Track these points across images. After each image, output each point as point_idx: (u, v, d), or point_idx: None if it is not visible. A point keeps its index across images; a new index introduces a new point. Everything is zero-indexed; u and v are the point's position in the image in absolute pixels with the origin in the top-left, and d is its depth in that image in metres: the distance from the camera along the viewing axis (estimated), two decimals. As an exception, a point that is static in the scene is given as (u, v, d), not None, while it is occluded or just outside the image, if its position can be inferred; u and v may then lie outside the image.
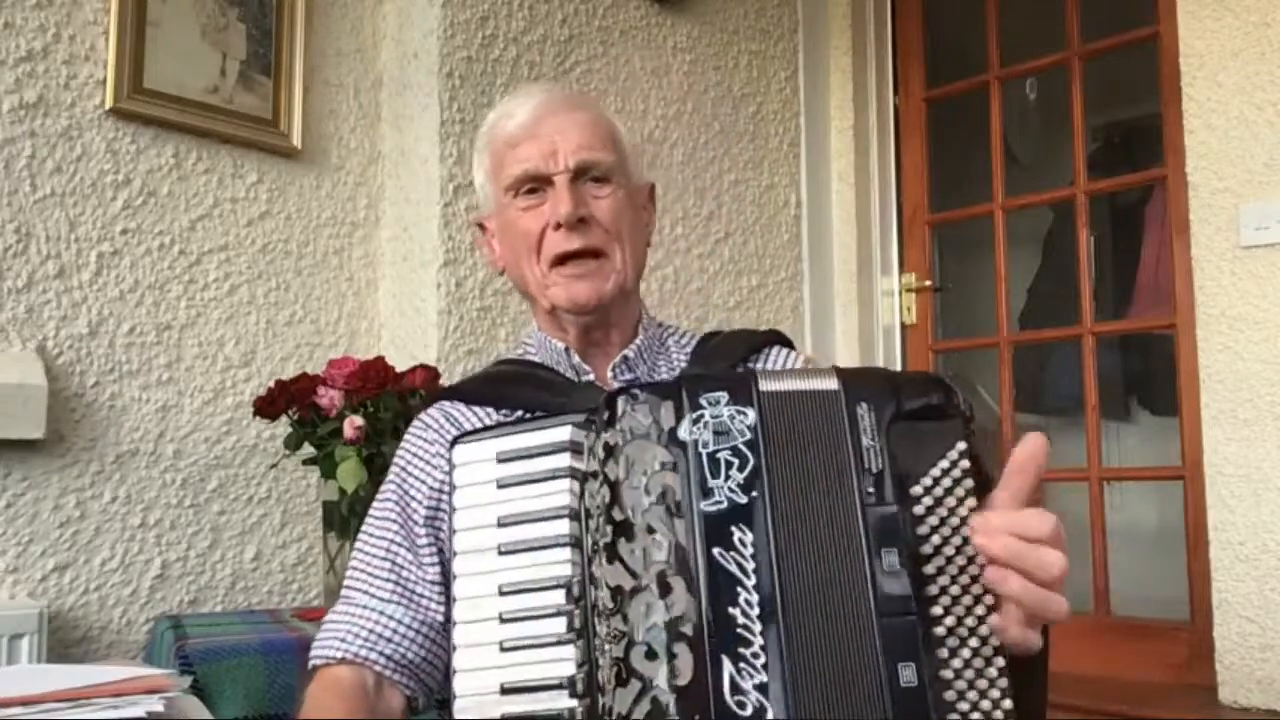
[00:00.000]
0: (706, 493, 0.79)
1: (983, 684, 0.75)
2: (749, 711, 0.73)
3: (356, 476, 1.68)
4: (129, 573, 1.84)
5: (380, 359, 1.80)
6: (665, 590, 0.77)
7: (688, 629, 0.76)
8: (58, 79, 1.82)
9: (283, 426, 1.84)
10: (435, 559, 1.05)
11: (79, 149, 1.84)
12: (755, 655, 0.75)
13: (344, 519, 1.75)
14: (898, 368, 2.98)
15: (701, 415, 0.81)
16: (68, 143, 1.83)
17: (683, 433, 0.81)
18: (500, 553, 0.88)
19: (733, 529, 0.78)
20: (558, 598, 0.85)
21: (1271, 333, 2.19)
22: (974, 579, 0.78)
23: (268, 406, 1.79)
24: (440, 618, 1.04)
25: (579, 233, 1.08)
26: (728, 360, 1.13)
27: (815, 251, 2.90)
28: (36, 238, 1.78)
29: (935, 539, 0.78)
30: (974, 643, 0.76)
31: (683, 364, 1.16)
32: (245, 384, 2.01)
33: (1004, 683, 0.76)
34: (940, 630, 0.76)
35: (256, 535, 1.99)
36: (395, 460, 1.13)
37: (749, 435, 0.80)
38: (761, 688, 0.74)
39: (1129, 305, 3.25)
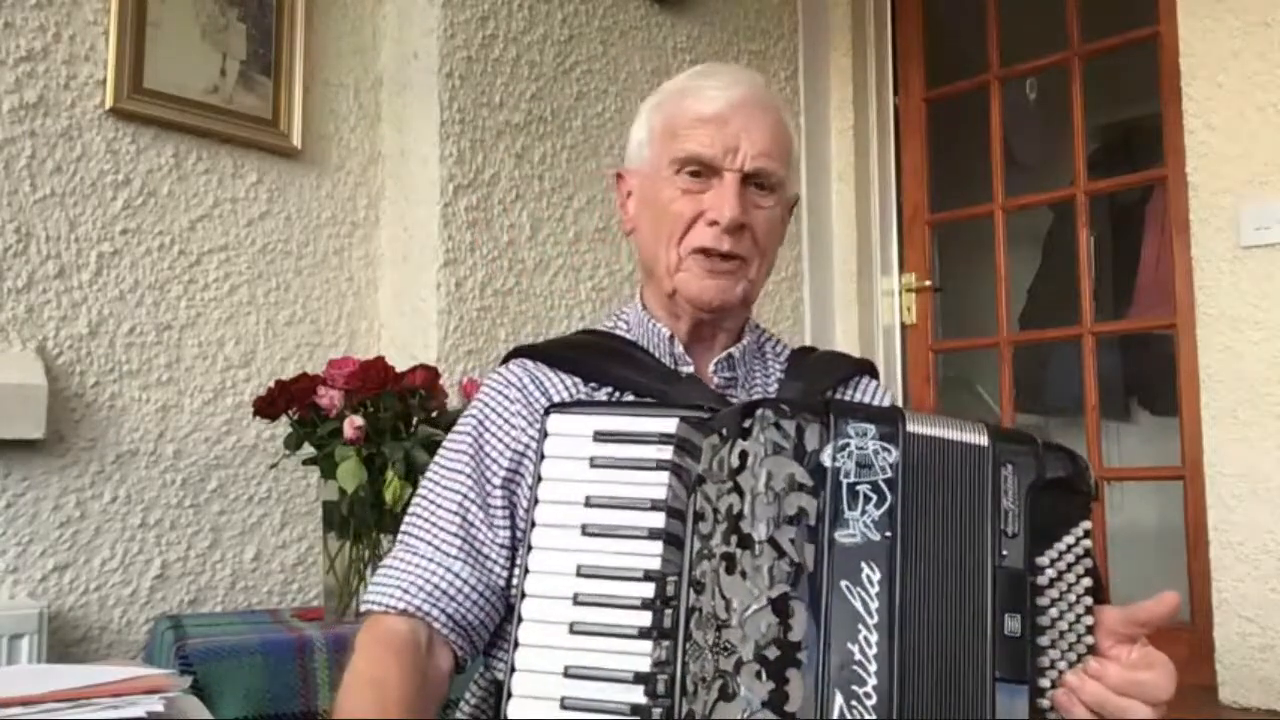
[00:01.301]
0: (842, 523, 0.78)
1: None
2: None
3: (356, 476, 1.68)
4: (129, 573, 1.84)
5: (380, 359, 1.80)
6: (786, 613, 0.76)
7: (804, 656, 0.75)
8: (58, 79, 1.82)
9: (283, 426, 1.84)
10: (507, 522, 1.03)
11: (79, 149, 1.84)
12: (867, 695, 0.74)
13: (344, 519, 1.74)
14: (898, 368, 2.99)
15: (847, 445, 0.80)
16: (68, 143, 1.83)
17: (825, 458, 0.80)
18: (584, 533, 0.86)
19: (863, 564, 0.77)
20: (643, 591, 0.83)
21: (1271, 333, 2.19)
22: (1080, 657, 0.80)
23: (268, 406, 1.79)
24: (503, 582, 1.02)
25: (733, 237, 1.06)
26: (821, 383, 1.13)
27: (815, 251, 2.90)
28: (36, 238, 1.78)
29: (1053, 611, 0.80)
30: None
31: (778, 373, 1.15)
32: (245, 384, 2.01)
33: None
34: (1045, 702, 0.79)
35: (256, 535, 1.99)
36: (471, 411, 1.09)
37: (890, 474, 0.80)
38: None
39: (1129, 305, 3.25)
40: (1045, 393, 3.42)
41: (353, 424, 1.69)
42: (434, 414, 1.82)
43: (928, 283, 2.99)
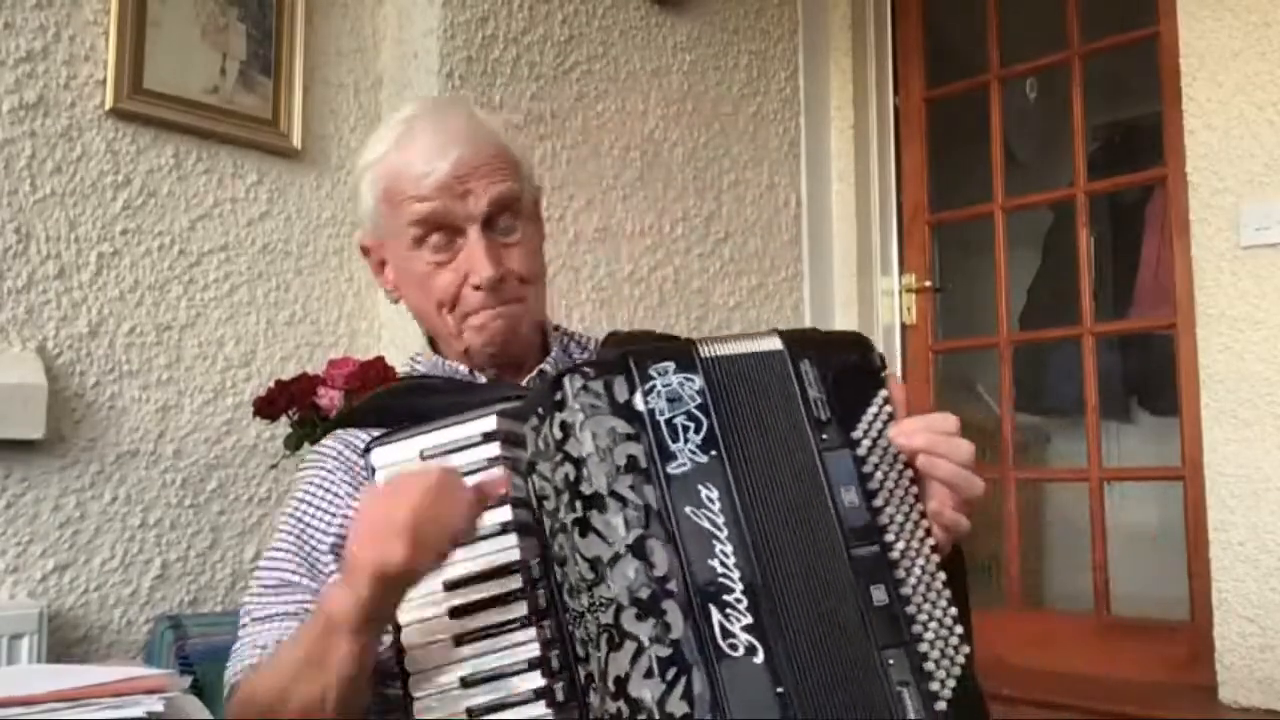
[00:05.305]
0: (669, 456, 0.83)
1: (933, 595, 0.84)
2: (741, 652, 0.78)
3: (356, 476, 1.68)
4: (129, 573, 1.84)
5: (380, 359, 1.80)
6: (645, 553, 0.80)
7: (673, 586, 0.79)
8: (58, 79, 1.82)
9: (283, 426, 1.84)
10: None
11: (79, 149, 1.84)
12: (738, 600, 0.80)
13: (344, 519, 1.74)
14: (898, 368, 2.98)
15: (653, 385, 0.86)
16: (68, 143, 1.82)
17: (638, 403, 0.85)
18: None
19: (699, 487, 0.83)
20: (512, 584, 0.86)
21: (1271, 333, 2.19)
22: (913, 506, 0.87)
23: (268, 406, 1.79)
24: None
25: (498, 292, 1.05)
26: None
27: (815, 251, 2.90)
28: (36, 238, 1.78)
29: (879, 475, 0.87)
30: (921, 562, 0.85)
31: None
32: (245, 384, 2.00)
33: (948, 593, 0.85)
34: (895, 555, 0.85)
35: (256, 535, 1.99)
36: (291, 497, 1.07)
37: (700, 399, 0.86)
38: (749, 628, 0.79)
39: (1129, 305, 3.25)
40: (1045, 393, 3.43)
41: (353, 424, 1.69)
42: (434, 414, 1.81)
43: (928, 283, 2.99)
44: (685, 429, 0.84)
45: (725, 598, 0.79)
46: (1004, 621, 2.63)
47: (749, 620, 0.79)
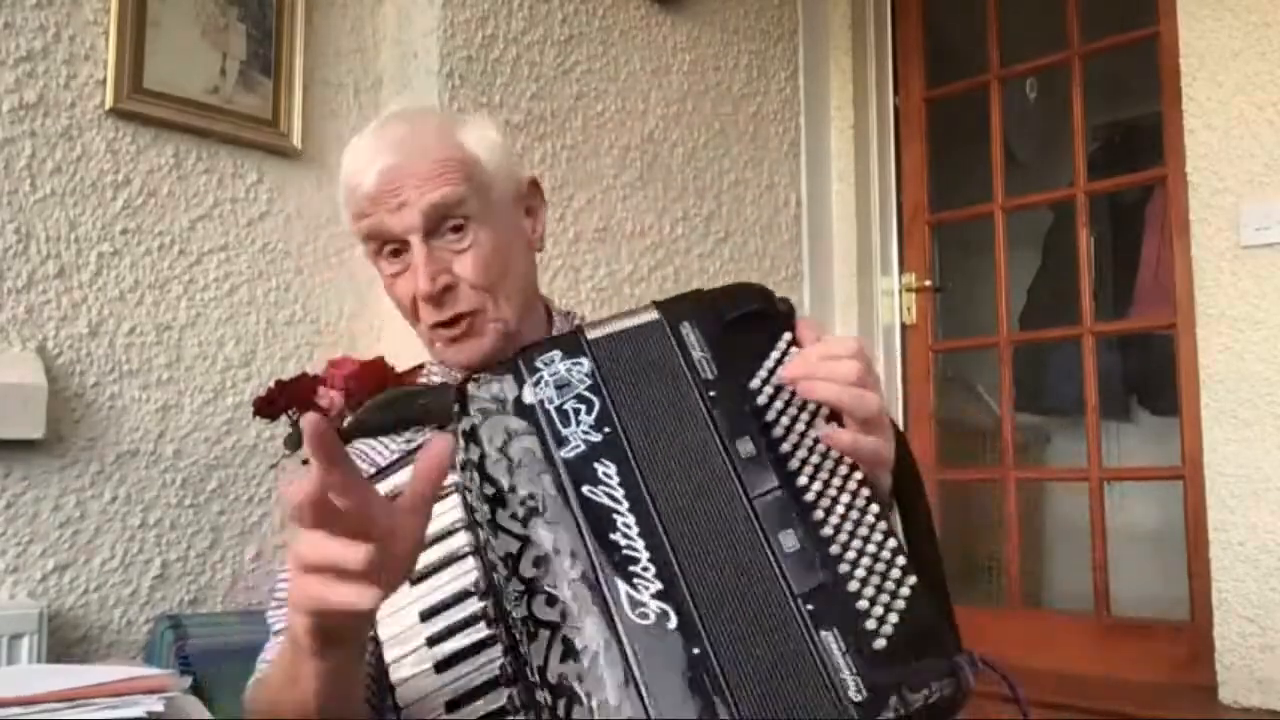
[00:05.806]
0: (562, 442, 0.84)
1: (864, 530, 0.81)
2: (652, 619, 0.78)
3: (356, 476, 1.68)
4: (129, 573, 1.84)
5: (380, 359, 1.80)
6: (546, 539, 0.81)
7: (579, 567, 0.80)
8: (58, 79, 1.82)
9: (283, 426, 1.84)
10: None
11: (79, 149, 1.84)
12: (645, 569, 0.79)
13: (344, 519, 1.74)
14: (898, 368, 2.99)
15: (540, 376, 0.87)
16: (68, 143, 1.82)
17: (527, 397, 0.86)
18: (413, 583, 0.89)
19: (595, 465, 0.83)
20: (474, 604, 0.88)
21: (1271, 333, 2.19)
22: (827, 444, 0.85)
23: (268, 406, 1.79)
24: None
25: (445, 304, 1.02)
26: None
27: (815, 251, 2.90)
28: (36, 238, 1.78)
29: (784, 420, 0.85)
30: (846, 499, 0.82)
31: None
32: (245, 384, 2.00)
33: (884, 525, 0.81)
34: (810, 496, 0.82)
35: (256, 535, 1.99)
36: None
37: (589, 381, 0.86)
38: (659, 594, 0.78)
39: (1129, 305, 3.25)
40: (1045, 393, 3.43)
41: (353, 424, 1.69)
42: (434, 414, 1.81)
43: (928, 283, 2.99)
44: (576, 412, 0.85)
45: (632, 569, 0.79)
46: (1004, 621, 2.63)
47: (658, 587, 0.78)
